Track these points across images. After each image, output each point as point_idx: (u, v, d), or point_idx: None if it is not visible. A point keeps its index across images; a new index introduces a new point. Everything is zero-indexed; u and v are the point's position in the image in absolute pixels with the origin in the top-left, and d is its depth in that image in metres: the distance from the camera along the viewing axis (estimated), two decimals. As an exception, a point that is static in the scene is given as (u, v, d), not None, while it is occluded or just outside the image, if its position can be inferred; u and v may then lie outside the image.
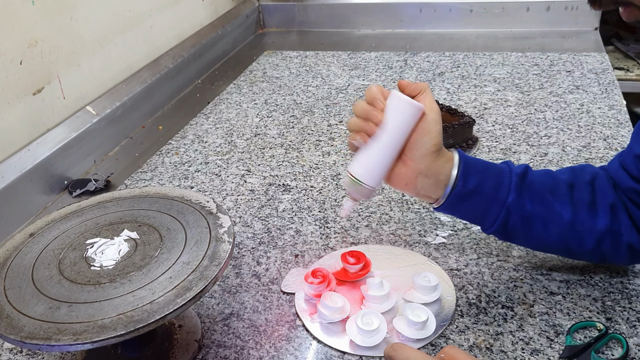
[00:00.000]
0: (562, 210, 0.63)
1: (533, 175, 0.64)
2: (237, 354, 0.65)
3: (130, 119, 1.20)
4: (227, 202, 0.93)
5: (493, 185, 0.62)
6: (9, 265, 0.61)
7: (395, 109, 0.60)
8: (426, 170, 0.61)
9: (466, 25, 1.65)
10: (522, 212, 0.63)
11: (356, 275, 0.73)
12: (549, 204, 0.63)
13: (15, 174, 0.92)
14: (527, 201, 0.62)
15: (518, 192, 0.62)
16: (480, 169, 0.63)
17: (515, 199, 0.62)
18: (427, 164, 0.61)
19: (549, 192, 0.63)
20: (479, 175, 0.62)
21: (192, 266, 0.58)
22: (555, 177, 0.64)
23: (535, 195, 0.63)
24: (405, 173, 0.62)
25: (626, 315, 0.66)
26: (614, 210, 0.63)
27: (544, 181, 0.64)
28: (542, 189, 0.63)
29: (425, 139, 0.60)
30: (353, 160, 0.63)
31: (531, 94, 1.22)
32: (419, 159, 0.61)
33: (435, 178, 0.62)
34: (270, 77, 1.43)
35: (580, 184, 0.64)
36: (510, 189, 0.62)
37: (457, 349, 0.55)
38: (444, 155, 0.62)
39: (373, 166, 0.61)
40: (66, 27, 1.05)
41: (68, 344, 0.51)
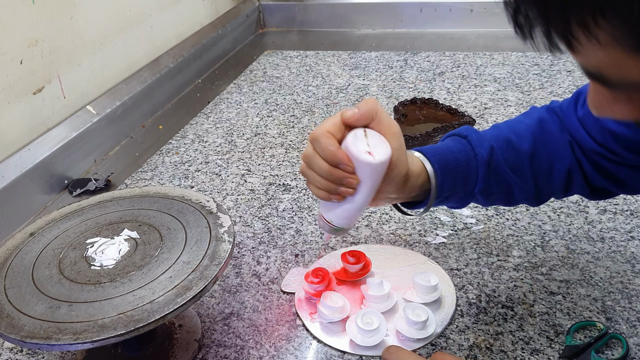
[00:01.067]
0: (524, 185, 0.63)
1: (497, 156, 0.62)
2: (237, 353, 0.65)
3: (130, 118, 1.20)
4: (227, 202, 0.93)
5: (463, 182, 0.61)
6: (9, 265, 0.61)
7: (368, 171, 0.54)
8: (397, 195, 0.59)
9: (466, 25, 1.65)
10: (488, 194, 0.63)
11: (356, 275, 0.73)
12: (512, 182, 0.62)
13: (15, 173, 0.92)
14: (492, 185, 0.62)
15: (485, 181, 0.61)
16: (450, 168, 0.60)
17: (482, 188, 0.62)
18: (397, 192, 0.58)
19: (511, 170, 0.62)
20: (450, 178, 0.60)
21: (192, 266, 0.58)
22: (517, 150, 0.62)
23: (500, 176, 0.62)
24: (376, 201, 0.60)
25: (626, 315, 0.66)
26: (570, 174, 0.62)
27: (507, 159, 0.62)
28: (505, 169, 0.62)
29: (394, 173, 0.56)
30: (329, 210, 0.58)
31: (531, 94, 1.22)
32: (390, 191, 0.58)
33: (407, 196, 0.60)
34: (271, 77, 1.43)
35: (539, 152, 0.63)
36: (478, 180, 0.61)
37: (446, 354, 0.55)
38: (413, 173, 0.58)
39: (352, 216, 0.58)
40: (66, 26, 1.05)
41: (68, 343, 0.51)
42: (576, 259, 0.75)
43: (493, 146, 0.62)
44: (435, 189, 0.60)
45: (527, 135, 0.63)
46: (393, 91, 1.29)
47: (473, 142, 0.62)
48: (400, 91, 1.29)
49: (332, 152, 0.53)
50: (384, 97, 1.27)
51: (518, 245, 0.78)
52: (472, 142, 0.62)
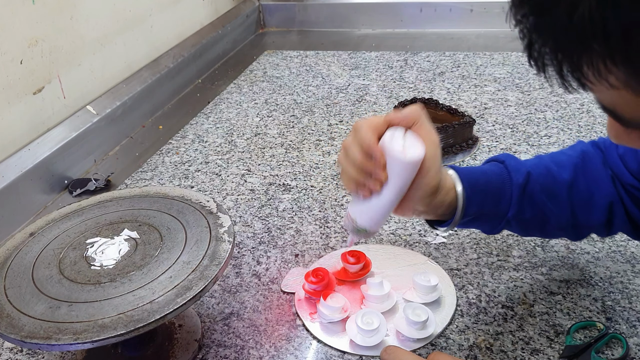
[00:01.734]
0: (561, 214, 0.62)
1: (534, 182, 0.61)
2: (237, 353, 0.65)
3: (130, 118, 1.20)
4: (227, 202, 0.93)
5: (494, 204, 0.60)
6: (9, 265, 0.61)
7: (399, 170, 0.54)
8: (424, 208, 0.58)
9: (466, 25, 1.65)
10: (522, 221, 0.62)
11: (356, 275, 0.73)
12: (548, 210, 0.61)
13: (15, 173, 0.92)
14: (527, 211, 0.61)
15: (519, 206, 0.60)
16: (481, 186, 0.60)
17: (515, 213, 0.61)
18: (425, 204, 0.58)
19: (548, 198, 0.61)
20: (480, 197, 0.60)
21: (192, 266, 0.58)
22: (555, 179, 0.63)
23: (535, 203, 0.61)
24: (402, 209, 0.59)
25: (626, 315, 0.66)
26: (611, 207, 0.62)
27: (544, 185, 0.62)
28: (542, 196, 0.61)
29: (424, 180, 0.56)
30: (355, 207, 0.59)
31: (531, 94, 1.22)
32: (417, 200, 0.57)
33: (434, 212, 0.59)
34: (271, 77, 1.43)
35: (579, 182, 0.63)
36: (512, 204, 0.60)
37: (443, 354, 0.55)
38: (443, 187, 0.58)
39: (378, 217, 0.58)
40: (66, 26, 1.05)
41: (68, 343, 0.51)
42: (576, 259, 0.75)
43: (530, 172, 0.62)
44: (462, 206, 0.59)
45: (568, 165, 0.63)
46: (393, 91, 1.29)
47: (509, 167, 0.62)
48: (400, 91, 1.29)
49: (368, 144, 0.54)
50: (384, 97, 1.27)
51: (518, 245, 0.78)
52: (509, 167, 0.62)
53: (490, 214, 0.61)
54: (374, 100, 1.26)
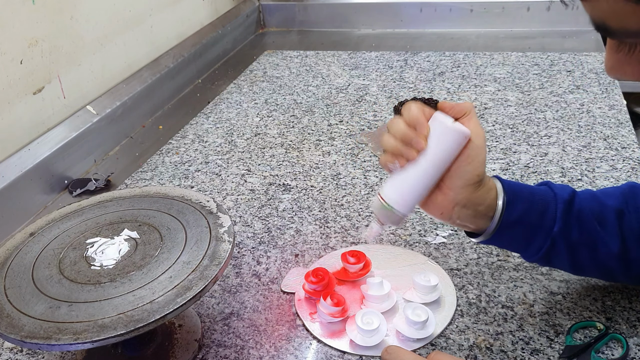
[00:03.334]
0: (610, 240, 0.59)
1: (580, 201, 0.59)
2: (237, 353, 0.65)
3: (130, 118, 1.20)
4: (227, 202, 0.93)
5: (538, 214, 0.58)
6: (9, 265, 0.61)
7: (440, 135, 0.54)
8: (465, 201, 0.56)
9: (466, 25, 1.65)
10: (568, 242, 0.59)
11: (356, 275, 0.73)
12: (596, 233, 0.59)
13: (15, 173, 0.92)
14: (574, 230, 0.58)
15: (564, 221, 0.58)
16: (525, 195, 0.58)
17: (561, 228, 0.58)
18: (467, 194, 0.56)
19: (596, 221, 0.59)
20: (523, 204, 0.58)
21: (192, 266, 0.58)
22: (603, 203, 0.60)
23: (583, 224, 0.59)
24: (442, 202, 0.57)
25: (626, 315, 0.66)
26: None
27: (591, 208, 0.59)
28: (590, 217, 0.59)
29: (469, 168, 0.55)
30: (386, 183, 0.57)
31: (531, 94, 1.22)
32: (459, 189, 0.56)
33: (474, 209, 0.57)
34: (271, 77, 1.43)
35: (630, 210, 0.60)
36: (557, 218, 0.58)
37: (443, 353, 0.55)
38: (486, 184, 0.57)
39: (408, 194, 0.56)
40: (66, 26, 1.05)
41: (68, 343, 0.51)
42: (576, 259, 0.75)
43: (575, 192, 0.60)
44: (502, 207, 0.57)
45: (616, 193, 0.61)
46: (393, 91, 1.29)
47: (552, 185, 0.60)
48: (400, 91, 1.29)
49: (416, 113, 0.55)
50: (384, 97, 1.27)
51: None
52: (551, 185, 0.60)
53: (533, 224, 0.58)
54: (374, 100, 1.26)
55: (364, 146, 1.07)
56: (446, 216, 0.58)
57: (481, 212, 0.58)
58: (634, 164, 0.94)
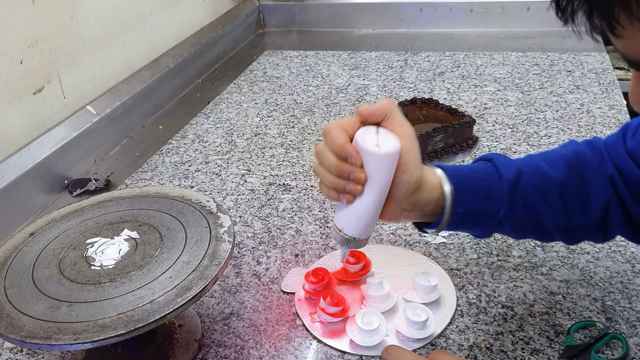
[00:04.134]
0: (554, 214, 0.60)
1: (525, 180, 0.60)
2: (237, 353, 0.65)
3: (130, 118, 1.20)
4: (227, 202, 0.93)
5: (483, 203, 0.58)
6: (9, 265, 0.61)
7: (376, 165, 0.53)
8: (411, 206, 0.56)
9: (466, 25, 1.65)
10: (514, 222, 0.59)
11: (356, 275, 0.73)
12: (540, 208, 0.59)
13: (15, 173, 0.92)
14: (518, 212, 0.59)
15: (509, 204, 0.58)
16: (469, 184, 0.58)
17: (506, 212, 0.58)
18: (409, 201, 0.56)
19: (540, 196, 0.59)
20: (468, 195, 0.58)
21: (192, 266, 0.58)
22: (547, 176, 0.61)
23: (527, 202, 0.59)
24: (388, 211, 0.57)
25: (626, 315, 0.66)
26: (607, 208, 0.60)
27: (535, 183, 0.60)
28: (534, 194, 0.59)
29: (404, 177, 0.54)
30: (339, 215, 0.57)
31: (531, 94, 1.22)
32: (401, 198, 0.55)
33: (421, 210, 0.57)
34: (271, 77, 1.43)
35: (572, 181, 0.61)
36: (502, 202, 0.58)
37: (443, 352, 0.55)
38: (427, 185, 0.56)
39: (364, 222, 0.55)
40: (66, 26, 1.05)
41: (68, 343, 0.51)
42: (576, 259, 0.75)
43: (521, 170, 0.60)
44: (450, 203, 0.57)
45: (560, 163, 0.61)
46: (393, 91, 1.29)
47: (498, 164, 0.60)
48: (400, 91, 1.29)
49: (341, 144, 0.53)
50: (384, 97, 1.26)
51: (518, 245, 0.78)
52: (497, 164, 0.60)
53: (480, 213, 0.59)
54: (374, 100, 1.26)
55: (364, 146, 1.07)
56: (395, 221, 0.59)
57: (429, 211, 0.58)
58: (634, 164, 0.94)
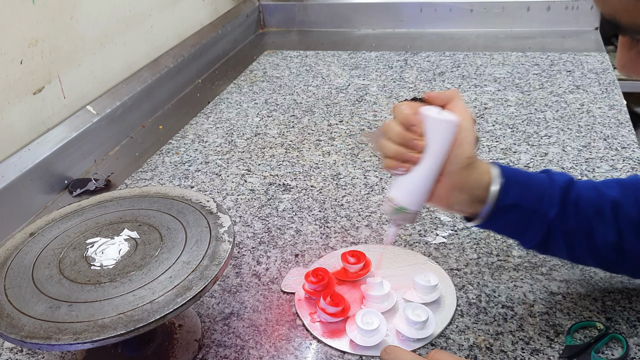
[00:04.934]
0: (607, 230, 0.59)
1: (578, 189, 0.60)
2: (237, 353, 0.65)
3: (130, 118, 1.20)
4: (227, 202, 0.93)
5: (534, 199, 0.59)
6: (9, 265, 0.61)
7: (434, 130, 0.57)
8: (461, 185, 0.58)
9: (466, 25, 1.65)
10: (565, 229, 0.59)
11: (356, 275, 0.73)
12: (593, 222, 0.59)
13: (15, 173, 0.92)
14: (570, 217, 0.59)
15: (560, 207, 0.59)
16: (520, 180, 0.59)
17: (557, 214, 0.58)
18: (461, 178, 0.58)
19: (593, 210, 0.59)
20: (518, 188, 0.59)
21: (192, 266, 0.58)
22: (601, 193, 0.60)
23: (580, 211, 0.59)
24: (439, 189, 0.59)
25: (626, 315, 0.66)
26: None
27: (589, 196, 0.60)
28: (587, 206, 0.59)
29: (459, 151, 0.57)
30: (393, 186, 0.60)
31: (531, 94, 1.22)
32: (453, 173, 0.57)
33: (470, 193, 0.58)
34: (271, 77, 1.43)
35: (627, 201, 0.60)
36: (552, 203, 0.58)
37: (443, 352, 0.55)
38: (479, 167, 0.58)
39: (417, 192, 0.58)
40: (66, 26, 1.05)
41: (68, 343, 0.51)
42: (576, 259, 0.75)
43: (573, 179, 0.61)
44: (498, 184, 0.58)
45: (614, 185, 0.62)
46: (393, 91, 1.29)
47: (551, 172, 0.61)
48: (400, 91, 1.29)
49: (407, 114, 0.58)
50: (384, 97, 1.27)
51: (518, 245, 0.78)
52: (550, 172, 0.62)
53: (529, 209, 0.59)
54: (374, 100, 1.26)
55: (364, 146, 1.07)
56: (444, 202, 0.60)
57: (478, 196, 0.59)
58: (634, 164, 0.94)
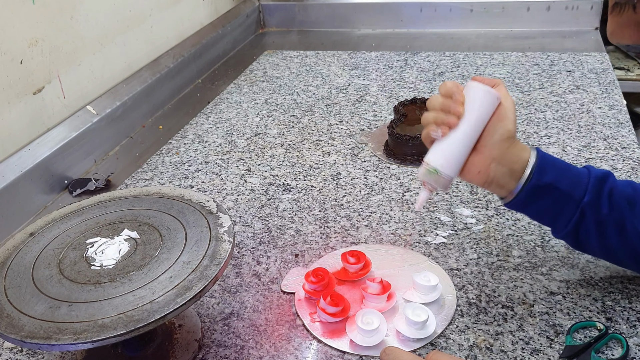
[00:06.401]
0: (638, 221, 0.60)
1: (614, 181, 0.62)
2: (237, 353, 0.65)
3: (130, 118, 1.20)
4: (227, 202, 0.93)
5: (569, 183, 0.60)
6: (9, 265, 0.61)
7: (475, 97, 0.60)
8: (500, 157, 0.60)
9: (466, 25, 1.65)
10: (598, 216, 0.60)
11: (356, 275, 0.73)
12: (626, 212, 0.60)
13: (15, 173, 0.92)
14: (603, 206, 0.60)
15: (595, 195, 0.60)
16: (558, 165, 0.62)
17: (591, 200, 0.60)
18: (501, 150, 0.60)
19: (627, 202, 0.60)
20: (555, 171, 0.61)
21: (192, 266, 0.58)
22: (636, 188, 0.62)
23: (613, 201, 0.60)
24: (479, 160, 0.61)
25: (626, 315, 0.66)
26: None
27: (623, 190, 0.61)
28: (621, 197, 0.60)
29: (501, 124, 0.60)
30: (430, 151, 0.62)
31: (531, 94, 1.22)
32: (494, 145, 0.60)
33: (509, 167, 0.61)
34: (271, 77, 1.43)
35: None
36: (587, 190, 0.60)
37: (442, 353, 0.55)
38: (519, 144, 0.62)
39: (451, 155, 0.61)
40: (66, 26, 1.05)
41: (68, 343, 0.51)
42: (576, 259, 0.75)
43: (611, 174, 0.62)
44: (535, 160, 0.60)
45: None
46: (393, 91, 1.29)
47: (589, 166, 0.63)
48: (400, 91, 1.29)
49: (450, 86, 0.61)
50: (384, 97, 1.27)
51: (518, 245, 0.78)
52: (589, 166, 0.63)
53: (564, 192, 0.60)
54: (374, 100, 1.26)
55: (364, 146, 1.07)
56: (483, 175, 0.61)
57: (516, 171, 0.61)
58: (634, 164, 0.94)
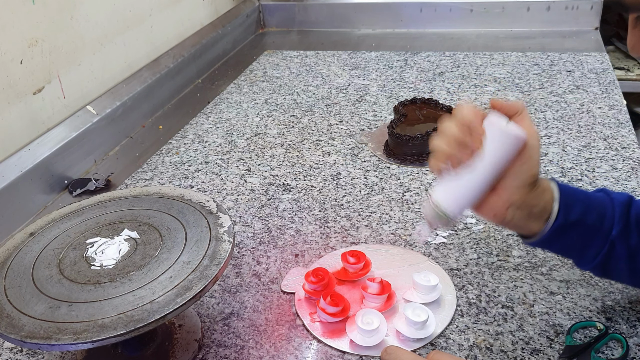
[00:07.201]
0: None
1: (638, 207, 0.58)
2: (237, 353, 0.65)
3: (130, 118, 1.20)
4: (227, 202, 0.93)
5: (596, 217, 0.56)
6: (9, 265, 0.61)
7: (497, 139, 0.53)
8: (520, 202, 0.55)
9: (466, 25, 1.65)
10: (628, 246, 0.57)
11: (356, 275, 0.73)
12: None
13: (15, 173, 0.92)
14: (633, 233, 0.57)
15: (623, 224, 0.56)
16: (581, 197, 0.57)
17: (620, 231, 0.56)
18: (522, 195, 0.55)
19: None
20: (581, 206, 0.56)
21: (192, 266, 0.58)
22: None
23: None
24: (495, 202, 0.55)
25: (626, 315, 0.66)
26: None
27: None
28: None
29: (524, 168, 0.54)
30: (439, 187, 0.56)
31: (531, 94, 1.22)
32: (514, 189, 0.54)
33: (528, 210, 0.56)
34: (271, 77, 1.43)
35: None
36: (615, 220, 0.56)
37: (442, 352, 0.55)
38: (541, 185, 0.56)
39: (464, 199, 0.55)
40: (66, 26, 1.05)
41: (68, 343, 0.51)
42: (576, 259, 0.75)
43: (632, 197, 0.59)
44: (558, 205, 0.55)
45: None
46: (393, 91, 1.29)
47: (607, 191, 0.60)
48: (400, 91, 1.29)
49: (470, 119, 0.53)
50: (384, 97, 1.27)
51: (518, 245, 0.78)
52: (607, 191, 0.60)
53: (591, 227, 0.56)
54: (374, 100, 1.26)
55: (364, 146, 1.07)
56: (499, 218, 0.56)
57: (535, 214, 0.56)
58: (634, 164, 0.94)
